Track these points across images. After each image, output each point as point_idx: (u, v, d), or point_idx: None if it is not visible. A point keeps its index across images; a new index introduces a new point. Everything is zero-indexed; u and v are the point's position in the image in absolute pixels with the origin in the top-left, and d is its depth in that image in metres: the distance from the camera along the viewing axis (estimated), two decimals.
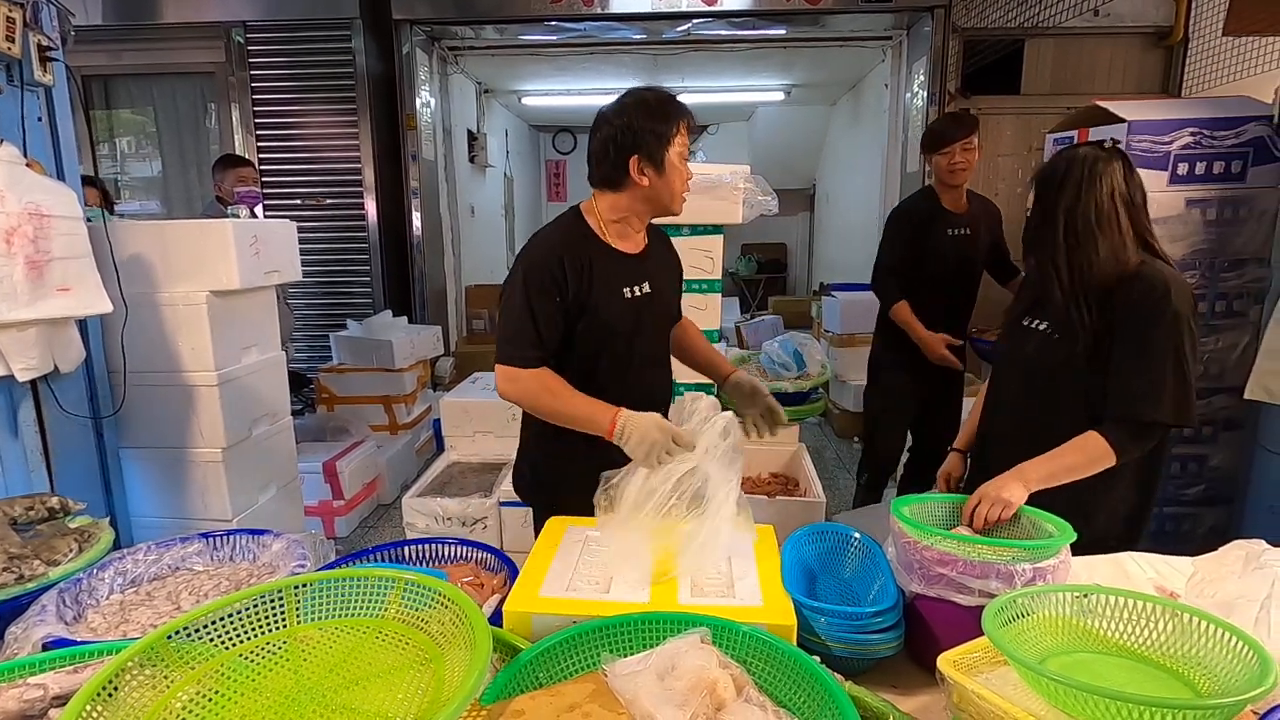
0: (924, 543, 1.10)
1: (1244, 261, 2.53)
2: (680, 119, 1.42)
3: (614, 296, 1.46)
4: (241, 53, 4.55)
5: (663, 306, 1.58)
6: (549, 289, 1.40)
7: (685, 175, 1.46)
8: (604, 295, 1.44)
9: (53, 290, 1.74)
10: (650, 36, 4.85)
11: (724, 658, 0.86)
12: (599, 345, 1.47)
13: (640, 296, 1.49)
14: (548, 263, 1.41)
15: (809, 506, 2.35)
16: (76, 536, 1.30)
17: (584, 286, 1.42)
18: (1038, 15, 4.30)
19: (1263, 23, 2.56)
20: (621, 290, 1.47)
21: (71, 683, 0.85)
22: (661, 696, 0.78)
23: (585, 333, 1.45)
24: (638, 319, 1.50)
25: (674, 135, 1.41)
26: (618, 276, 1.46)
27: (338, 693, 0.78)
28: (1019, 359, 1.50)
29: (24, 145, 1.80)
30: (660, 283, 1.55)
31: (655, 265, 1.56)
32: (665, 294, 1.59)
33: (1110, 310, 1.34)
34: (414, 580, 0.88)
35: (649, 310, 1.52)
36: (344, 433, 3.65)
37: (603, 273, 1.44)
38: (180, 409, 2.24)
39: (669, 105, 1.42)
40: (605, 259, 1.46)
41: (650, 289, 1.51)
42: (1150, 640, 0.93)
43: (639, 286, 1.49)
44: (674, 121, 1.41)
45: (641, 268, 1.51)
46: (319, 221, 4.72)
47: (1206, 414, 2.61)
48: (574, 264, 1.41)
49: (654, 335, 1.58)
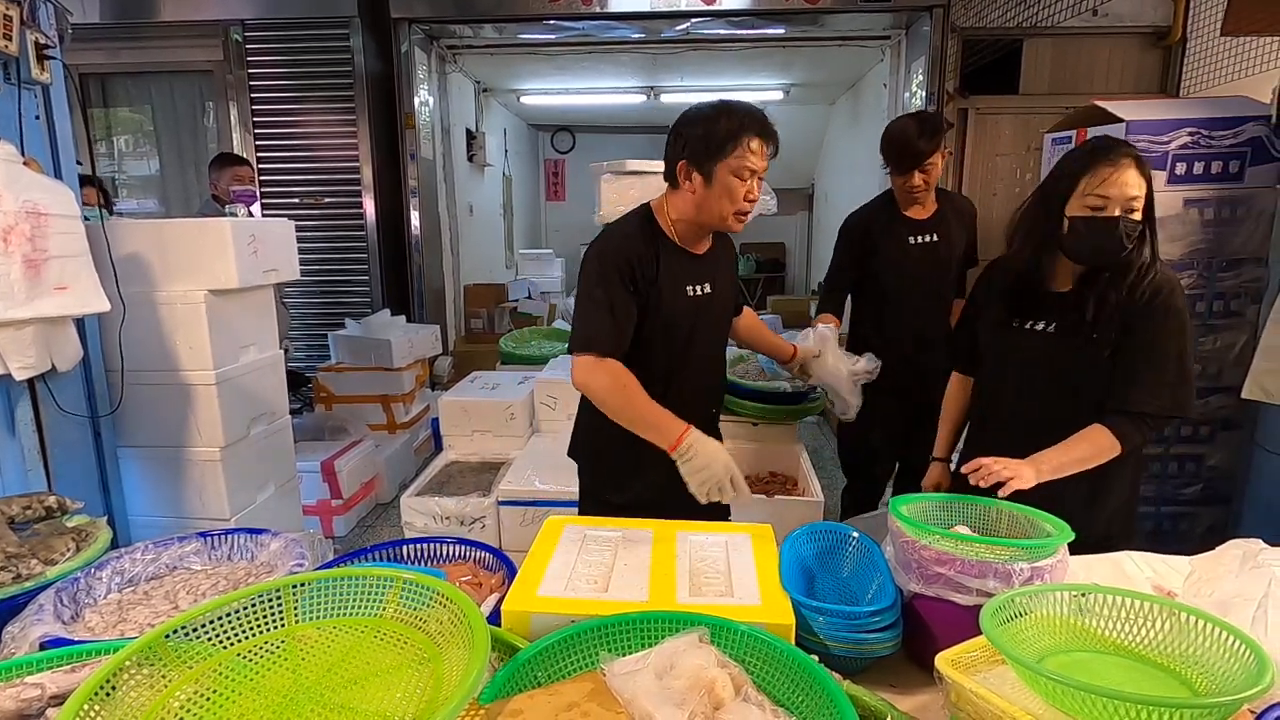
0: (922, 542, 1.10)
1: (1241, 261, 2.53)
2: (744, 135, 1.37)
3: (678, 295, 1.47)
4: (240, 51, 4.55)
5: (722, 304, 1.59)
6: (624, 281, 1.42)
7: (740, 194, 1.41)
8: (669, 293, 1.46)
9: (50, 289, 1.73)
10: (649, 36, 4.85)
11: (723, 657, 0.86)
12: (659, 341, 1.48)
13: (701, 296, 1.51)
14: (622, 255, 1.43)
15: (807, 506, 2.35)
16: (74, 536, 1.30)
17: (652, 283, 1.44)
18: (1036, 15, 4.31)
19: (1261, 23, 2.56)
20: (685, 289, 1.48)
21: (69, 682, 0.85)
22: (660, 696, 0.78)
23: (648, 328, 1.47)
24: (697, 317, 1.51)
25: (730, 149, 1.37)
26: (683, 275, 1.48)
27: (336, 692, 0.78)
28: (1016, 362, 1.50)
29: (21, 143, 1.79)
30: (721, 281, 1.56)
31: (717, 263, 1.56)
32: (725, 292, 1.59)
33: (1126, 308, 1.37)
34: (412, 579, 0.88)
35: (708, 309, 1.53)
36: (342, 432, 3.64)
37: (668, 271, 1.45)
38: (178, 408, 2.24)
39: (734, 118, 1.37)
40: (671, 257, 1.47)
41: (711, 289, 1.53)
42: (1148, 639, 0.93)
43: (701, 286, 1.51)
44: (735, 136, 1.37)
45: (705, 267, 1.52)
46: (317, 220, 4.71)
47: (1204, 414, 2.62)
48: (643, 259, 1.43)
49: (712, 332, 1.58)
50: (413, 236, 4.98)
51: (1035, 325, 1.45)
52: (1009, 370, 1.51)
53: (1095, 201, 1.33)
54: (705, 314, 1.53)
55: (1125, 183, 1.31)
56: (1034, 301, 1.46)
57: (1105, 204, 1.33)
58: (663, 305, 1.45)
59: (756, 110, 1.41)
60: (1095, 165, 1.33)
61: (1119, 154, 1.32)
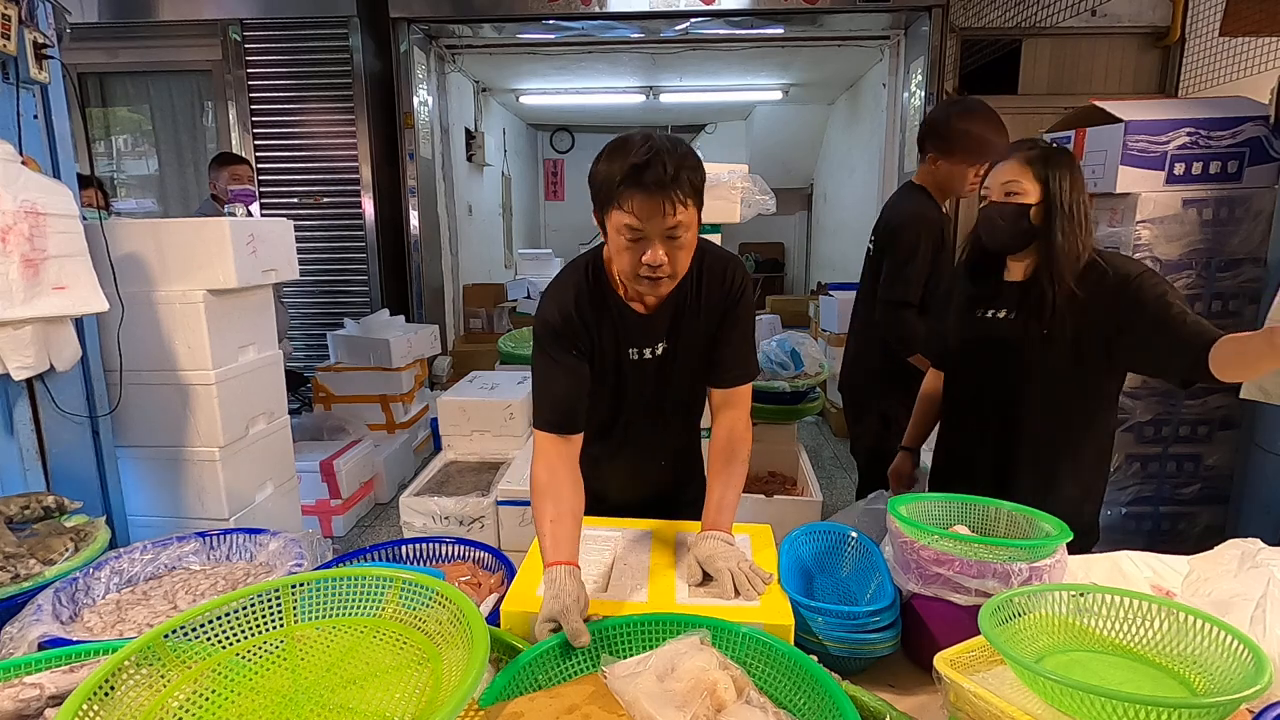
0: (921, 542, 1.10)
1: (1240, 261, 2.54)
2: (622, 188, 1.09)
3: (620, 360, 1.31)
4: (238, 50, 4.54)
5: (683, 367, 1.34)
6: (566, 338, 1.26)
7: (635, 258, 1.13)
8: (607, 357, 1.31)
9: (49, 289, 1.73)
10: (648, 35, 4.85)
11: (724, 659, 0.86)
12: (596, 397, 1.33)
13: (649, 360, 1.32)
14: (559, 320, 1.26)
15: (806, 506, 2.35)
16: (72, 535, 1.29)
17: (591, 346, 1.29)
18: (1035, 15, 4.31)
19: (1259, 23, 2.57)
20: (627, 352, 1.31)
21: (67, 682, 0.85)
22: (662, 698, 0.78)
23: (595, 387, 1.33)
24: (641, 382, 1.34)
25: (609, 203, 1.12)
26: (625, 337, 1.30)
27: (335, 692, 0.78)
28: (979, 347, 1.53)
29: (19, 143, 1.79)
30: (686, 341, 1.32)
31: (675, 322, 1.31)
32: (690, 352, 1.33)
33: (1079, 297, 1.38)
34: (411, 579, 0.88)
35: (657, 372, 1.34)
36: (341, 432, 3.64)
37: (609, 332, 1.29)
38: (177, 408, 2.23)
39: (612, 163, 1.11)
40: (614, 316, 1.29)
41: (665, 350, 1.32)
42: (1146, 639, 0.93)
43: (649, 349, 1.31)
44: (609, 188, 1.11)
45: (655, 327, 1.30)
46: (316, 220, 4.71)
47: (1202, 413, 2.62)
48: (580, 323, 1.26)
49: (666, 392, 1.37)
50: (412, 236, 4.98)
51: (995, 313, 1.50)
52: (974, 356, 1.55)
53: (982, 193, 1.48)
54: (651, 377, 1.34)
55: (1002, 173, 1.43)
56: (994, 290, 1.51)
57: (987, 194, 1.46)
58: (601, 367, 1.31)
59: (644, 153, 1.08)
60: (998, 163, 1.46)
61: (1012, 151, 1.44)
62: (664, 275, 1.15)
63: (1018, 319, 1.46)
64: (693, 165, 1.12)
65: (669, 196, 1.08)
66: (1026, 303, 1.43)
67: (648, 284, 1.16)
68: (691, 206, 1.12)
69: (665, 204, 1.08)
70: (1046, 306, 1.40)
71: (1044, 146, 1.43)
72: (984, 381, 1.54)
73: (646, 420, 1.41)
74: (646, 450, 1.46)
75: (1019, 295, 1.46)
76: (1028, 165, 1.40)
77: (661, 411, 1.40)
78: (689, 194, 1.11)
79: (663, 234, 1.11)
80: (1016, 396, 1.48)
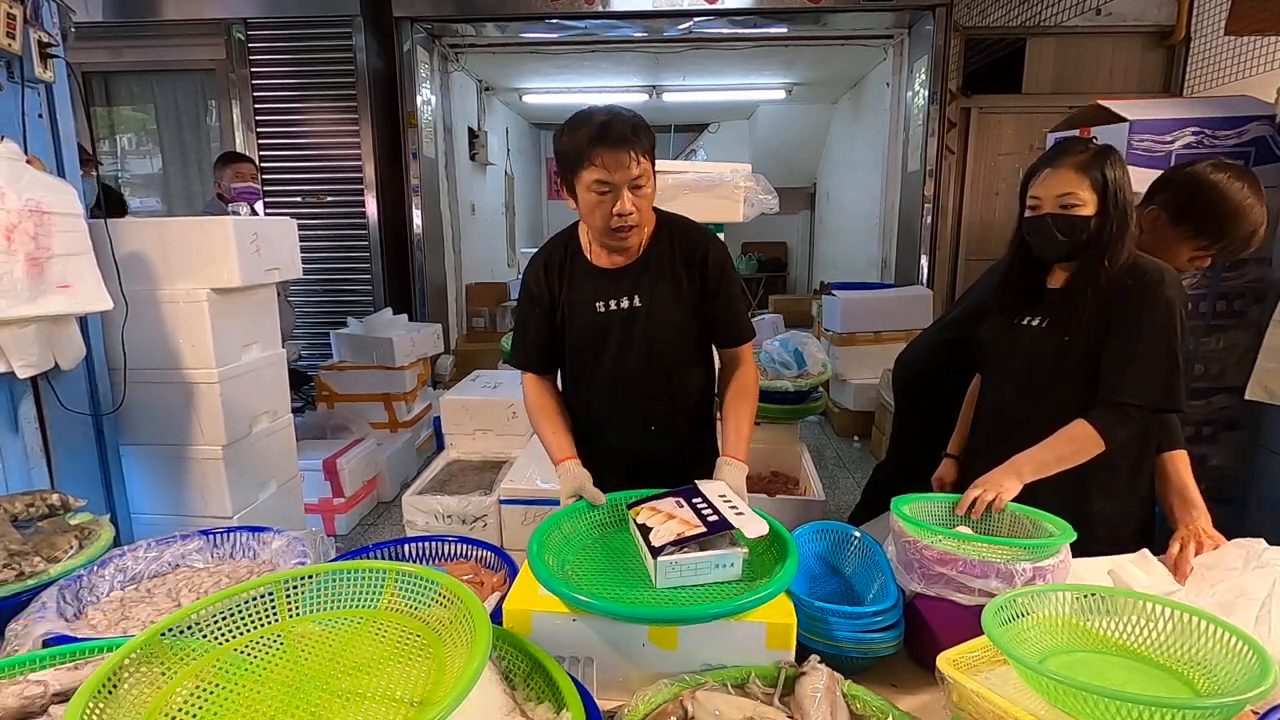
0: (924, 542, 1.10)
1: (1244, 261, 2.52)
2: (590, 150, 1.28)
3: (586, 312, 1.46)
4: (242, 50, 4.55)
5: (657, 321, 1.46)
6: (532, 300, 1.50)
7: (605, 209, 1.32)
8: (576, 310, 1.47)
9: (53, 287, 1.73)
10: (651, 34, 4.85)
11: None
12: (574, 356, 1.53)
13: (616, 311, 1.45)
14: (531, 275, 1.51)
15: (809, 505, 2.35)
16: (77, 533, 1.30)
17: (556, 300, 1.48)
18: (1039, 14, 4.30)
19: (1264, 22, 2.56)
20: (594, 305, 1.45)
21: (72, 679, 0.85)
22: None
23: (565, 344, 1.52)
24: (611, 333, 1.46)
25: (579, 166, 1.30)
26: (592, 292, 1.46)
27: (340, 679, 0.78)
28: (1011, 357, 1.50)
29: (24, 142, 1.80)
30: (660, 297, 1.45)
31: (655, 278, 1.45)
32: (665, 310, 1.45)
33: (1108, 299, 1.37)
34: (406, 570, 0.89)
35: (629, 324, 1.45)
36: (344, 430, 3.64)
37: (574, 287, 1.47)
38: (181, 406, 2.24)
39: (578, 132, 1.30)
40: (580, 273, 1.47)
41: (635, 303, 1.44)
42: (1150, 640, 0.93)
43: (616, 301, 1.45)
44: (579, 152, 1.29)
45: (622, 283, 1.45)
46: (320, 219, 4.72)
47: (1207, 414, 2.61)
48: (548, 278, 1.48)
49: (640, 349, 1.47)
50: (415, 235, 4.99)
51: (1031, 321, 1.47)
52: (1006, 366, 1.52)
53: (1031, 203, 1.39)
54: (624, 330, 1.45)
55: (1056, 182, 1.35)
56: (1031, 298, 1.47)
57: (1039, 204, 1.37)
58: (572, 321, 1.48)
59: (604, 115, 1.30)
60: (1039, 168, 1.39)
61: (1062, 156, 1.36)
62: (633, 224, 1.35)
63: (1051, 326, 1.42)
64: (645, 126, 1.33)
65: (630, 149, 1.28)
66: (1062, 308, 1.40)
67: (619, 236, 1.36)
68: (647, 161, 1.33)
69: (627, 156, 1.28)
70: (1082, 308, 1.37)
71: (1094, 149, 1.35)
72: (1016, 390, 1.49)
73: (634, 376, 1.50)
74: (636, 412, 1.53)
75: (1054, 300, 1.43)
76: (1084, 174, 1.32)
77: (658, 363, 1.49)
78: (645, 150, 1.31)
79: (629, 183, 1.31)
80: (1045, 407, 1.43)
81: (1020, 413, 1.48)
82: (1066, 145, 1.38)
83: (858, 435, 4.59)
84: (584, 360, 1.51)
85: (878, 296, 4.72)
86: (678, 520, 1.13)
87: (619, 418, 1.53)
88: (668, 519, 1.14)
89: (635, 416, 1.52)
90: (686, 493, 1.24)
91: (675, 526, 1.11)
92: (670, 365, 1.50)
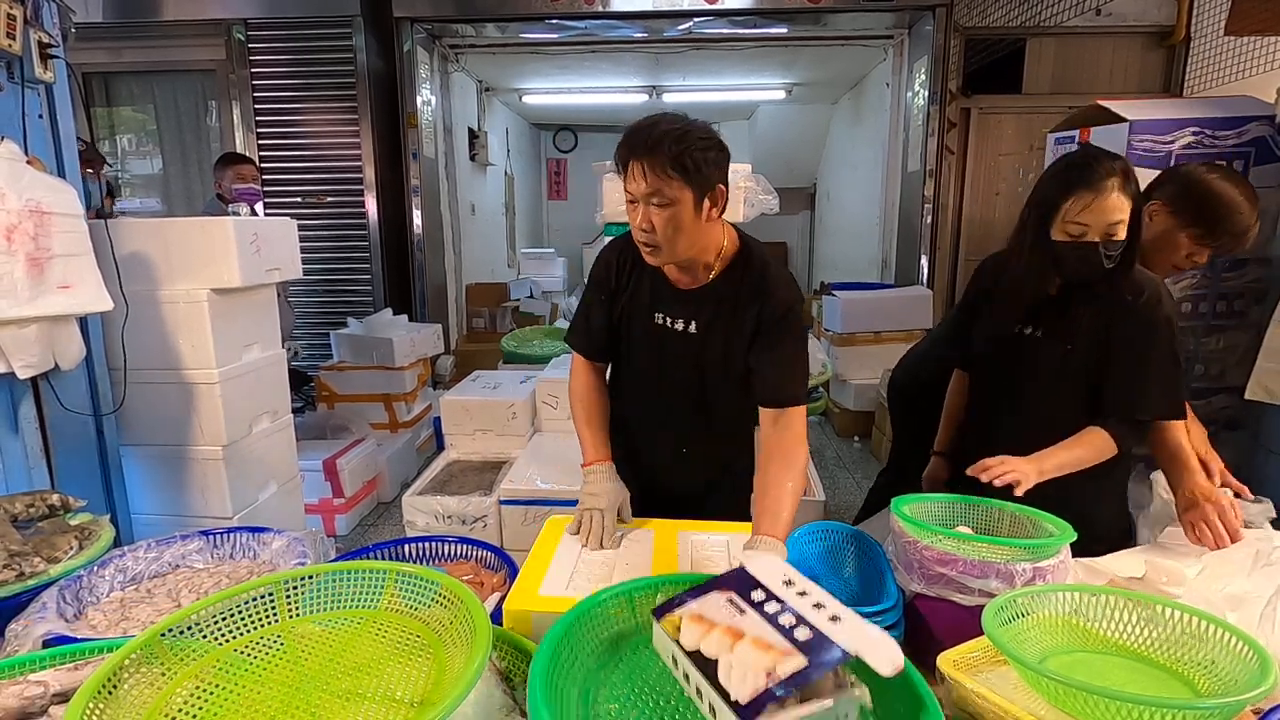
0: (924, 542, 1.10)
1: (1245, 261, 2.52)
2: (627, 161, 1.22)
3: (643, 319, 1.41)
4: (242, 50, 4.55)
5: (712, 355, 1.39)
6: (600, 286, 1.45)
7: (632, 220, 1.26)
8: (634, 313, 1.42)
9: (53, 287, 1.74)
10: (651, 35, 4.85)
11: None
12: (626, 357, 1.49)
13: (672, 330, 1.39)
14: (604, 261, 1.45)
15: (809, 505, 2.34)
16: (77, 534, 1.30)
17: (618, 295, 1.43)
18: (1039, 14, 4.30)
19: (1264, 23, 2.55)
20: (654, 315, 1.40)
21: (72, 680, 0.85)
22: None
23: (622, 342, 1.48)
24: (665, 350, 1.41)
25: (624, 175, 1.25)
26: (655, 301, 1.40)
27: (340, 679, 0.78)
28: (1008, 366, 1.51)
29: (24, 142, 1.80)
30: (717, 332, 1.37)
31: (716, 311, 1.36)
32: (719, 345, 1.38)
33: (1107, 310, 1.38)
34: (407, 571, 0.89)
35: (684, 348, 1.39)
36: (344, 431, 3.64)
37: (640, 289, 1.41)
38: (181, 406, 2.24)
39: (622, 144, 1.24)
40: (649, 278, 1.40)
41: (694, 329, 1.38)
42: (1150, 640, 0.93)
43: (675, 320, 1.39)
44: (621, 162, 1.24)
45: (689, 305, 1.37)
46: (320, 219, 4.72)
47: (1207, 414, 2.60)
48: (621, 270, 1.43)
49: (688, 374, 1.41)
50: (415, 235, 4.99)
51: (1025, 330, 1.47)
52: (1004, 373, 1.53)
53: (1076, 229, 1.32)
54: (677, 351, 1.40)
55: (1107, 209, 1.29)
56: (1033, 309, 1.47)
57: (1086, 230, 1.31)
58: (629, 323, 1.43)
59: (643, 121, 1.23)
60: (1077, 189, 1.30)
61: (1101, 176, 1.28)
62: (653, 242, 1.24)
63: (1047, 335, 1.43)
64: (682, 142, 1.18)
65: (643, 162, 1.19)
66: (1058, 319, 1.41)
67: (645, 250, 1.28)
68: (676, 179, 1.19)
69: (639, 168, 1.19)
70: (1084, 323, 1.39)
71: (1121, 166, 1.30)
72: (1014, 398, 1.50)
73: (681, 403, 1.45)
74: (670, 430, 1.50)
75: (1047, 310, 1.43)
76: (1124, 195, 1.29)
77: (698, 397, 1.44)
78: (670, 165, 1.18)
79: (647, 198, 1.21)
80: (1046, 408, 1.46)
81: (1017, 417, 1.50)
82: (1097, 163, 1.31)
83: (858, 435, 4.59)
84: (632, 365, 1.49)
85: (878, 296, 4.72)
86: (749, 641, 0.69)
87: (653, 430, 1.51)
88: (730, 636, 0.71)
89: (670, 435, 1.50)
90: (738, 582, 0.80)
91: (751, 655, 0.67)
92: (716, 398, 1.43)
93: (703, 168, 1.20)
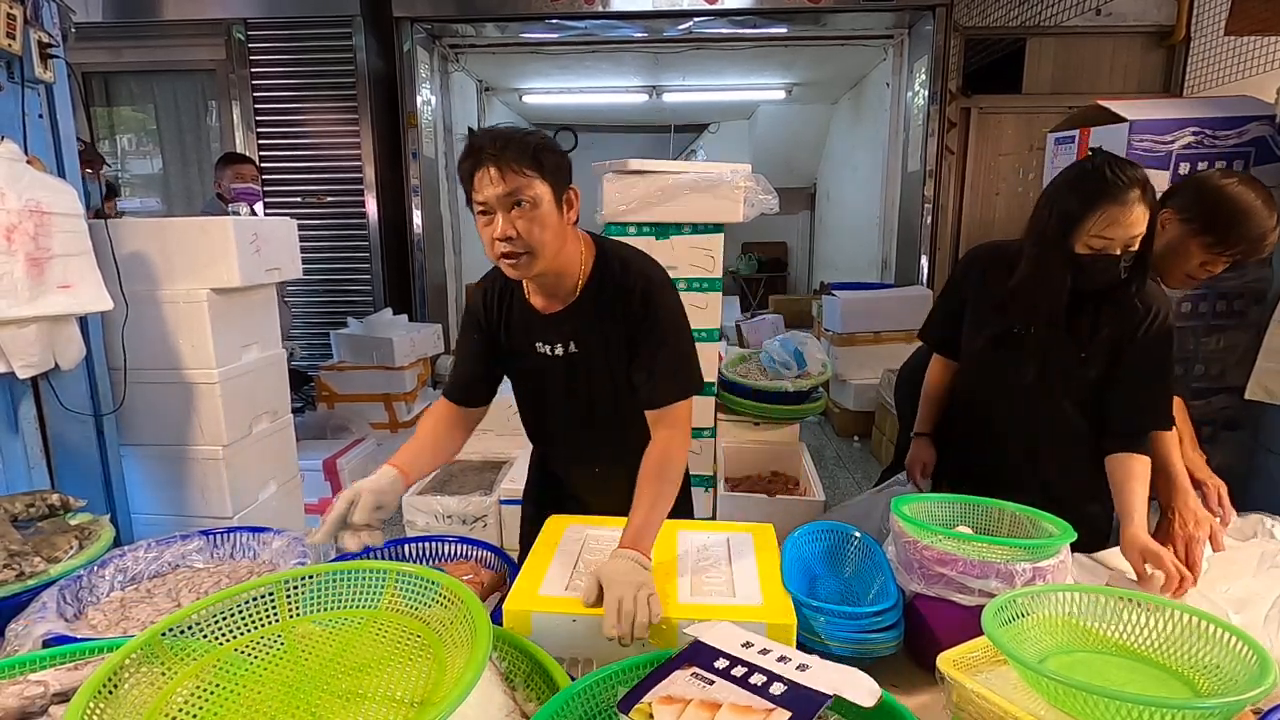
0: (924, 542, 1.10)
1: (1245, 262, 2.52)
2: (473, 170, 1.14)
3: (526, 352, 1.36)
4: (242, 50, 4.55)
5: (594, 369, 1.34)
6: (473, 323, 1.39)
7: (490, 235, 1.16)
8: (516, 347, 1.36)
9: (53, 287, 1.73)
10: (651, 35, 4.85)
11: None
12: (518, 392, 1.46)
13: (553, 356, 1.33)
14: (475, 301, 1.39)
15: (809, 505, 2.35)
16: (77, 533, 1.30)
17: (498, 328, 1.36)
18: (1039, 14, 4.30)
19: (1265, 22, 2.55)
20: (534, 345, 1.34)
21: (72, 680, 0.85)
22: None
23: (512, 379, 1.44)
24: (548, 379, 1.37)
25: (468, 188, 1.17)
26: (531, 330, 1.34)
27: (340, 679, 0.78)
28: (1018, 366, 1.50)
29: (24, 142, 1.79)
30: (595, 345, 1.32)
31: (589, 323, 1.31)
32: (601, 356, 1.32)
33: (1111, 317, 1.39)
34: (407, 571, 0.89)
35: (568, 372, 1.34)
36: (344, 430, 3.64)
37: (516, 323, 1.35)
38: (181, 406, 2.24)
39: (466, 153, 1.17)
40: (520, 309, 1.34)
41: (575, 348, 1.32)
42: (1150, 640, 0.93)
43: (552, 346, 1.33)
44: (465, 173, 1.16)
45: (559, 327, 1.32)
46: (320, 219, 4.72)
47: (1207, 414, 2.60)
48: (491, 308, 1.36)
49: (579, 398, 1.37)
50: (415, 235, 4.99)
51: (1027, 330, 1.47)
52: (1001, 373, 1.51)
53: (1100, 244, 1.30)
54: (561, 376, 1.35)
55: (1131, 223, 1.28)
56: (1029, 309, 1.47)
57: (1110, 244, 1.30)
58: (512, 358, 1.38)
59: (478, 139, 1.15)
60: (1102, 204, 1.28)
61: (1125, 188, 1.27)
62: (519, 250, 1.16)
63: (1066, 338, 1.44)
64: (530, 141, 1.15)
65: (498, 163, 1.12)
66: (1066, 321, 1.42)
67: (508, 264, 1.18)
68: (535, 177, 1.14)
69: (495, 170, 1.12)
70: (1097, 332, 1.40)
71: (1139, 177, 1.29)
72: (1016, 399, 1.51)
73: (581, 427, 1.41)
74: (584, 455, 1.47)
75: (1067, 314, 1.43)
76: (1145, 206, 1.28)
77: (593, 417, 1.39)
78: (527, 163, 1.13)
79: (504, 204, 1.14)
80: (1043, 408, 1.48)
81: (1014, 414, 1.51)
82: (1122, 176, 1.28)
83: (858, 435, 4.59)
84: (528, 403, 1.46)
85: (878, 297, 4.72)
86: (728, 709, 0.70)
87: (566, 463, 1.52)
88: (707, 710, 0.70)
89: (582, 460, 1.48)
90: (696, 655, 0.81)
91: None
92: (611, 412, 1.37)
93: (556, 167, 1.18)
